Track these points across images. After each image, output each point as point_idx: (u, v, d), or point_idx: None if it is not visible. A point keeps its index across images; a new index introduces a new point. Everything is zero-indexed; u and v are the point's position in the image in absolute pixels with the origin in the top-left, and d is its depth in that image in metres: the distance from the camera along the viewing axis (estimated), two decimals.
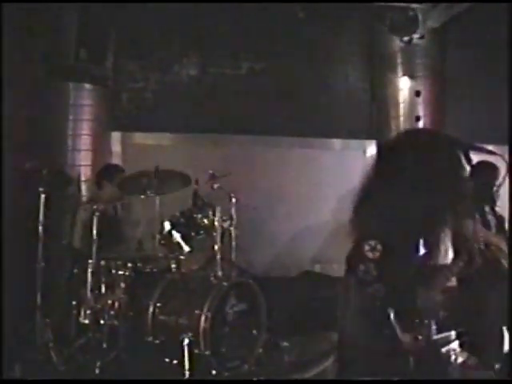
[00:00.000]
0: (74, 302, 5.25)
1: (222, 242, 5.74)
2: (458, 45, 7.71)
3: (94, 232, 5.20)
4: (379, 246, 2.82)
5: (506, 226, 5.14)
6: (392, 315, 2.78)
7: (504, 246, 4.61)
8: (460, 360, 2.95)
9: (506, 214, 5.07)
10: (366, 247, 2.83)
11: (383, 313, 2.81)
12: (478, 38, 7.64)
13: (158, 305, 5.15)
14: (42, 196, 5.36)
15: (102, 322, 5.09)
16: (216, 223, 5.63)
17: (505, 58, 7.15)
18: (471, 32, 7.60)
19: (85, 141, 6.58)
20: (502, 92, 6.98)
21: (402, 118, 7.51)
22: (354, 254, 2.90)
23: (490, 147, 3.06)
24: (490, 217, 4.93)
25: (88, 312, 5.10)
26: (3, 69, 5.98)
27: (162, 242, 5.59)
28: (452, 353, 2.95)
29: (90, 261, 5.17)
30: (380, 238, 2.85)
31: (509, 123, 6.20)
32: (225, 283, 5.21)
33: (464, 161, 2.99)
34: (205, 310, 4.94)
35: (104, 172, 6.12)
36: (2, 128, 5.92)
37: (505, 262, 4.32)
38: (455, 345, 2.96)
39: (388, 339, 2.79)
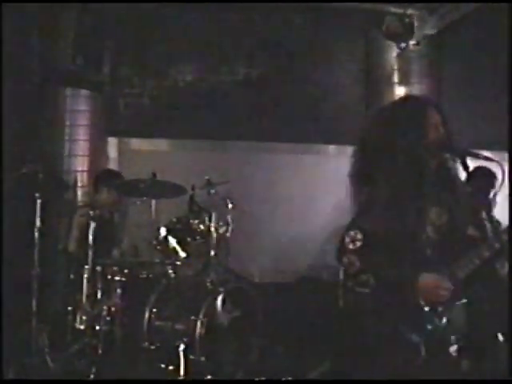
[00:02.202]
0: (69, 308, 5.22)
1: (218, 247, 5.74)
2: (455, 51, 7.72)
3: (90, 237, 5.21)
4: (359, 236, 2.76)
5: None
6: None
7: None
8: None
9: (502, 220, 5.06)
10: (347, 239, 2.79)
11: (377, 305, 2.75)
12: (475, 44, 7.65)
13: (154, 310, 5.14)
14: (39, 201, 5.37)
15: (97, 327, 5.06)
16: (212, 229, 5.63)
17: (503, 65, 7.16)
18: (468, 39, 7.61)
19: (81, 146, 6.57)
20: (501, 99, 7.00)
21: None
22: (338, 248, 2.84)
23: (487, 153, 3.04)
24: (486, 223, 4.91)
25: (84, 317, 5.07)
26: None
27: (158, 247, 5.58)
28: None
29: (86, 266, 5.16)
30: (361, 227, 2.79)
31: (508, 130, 6.19)
32: (221, 289, 5.21)
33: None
34: (201, 315, 4.94)
35: (102, 177, 6.11)
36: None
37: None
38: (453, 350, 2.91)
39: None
